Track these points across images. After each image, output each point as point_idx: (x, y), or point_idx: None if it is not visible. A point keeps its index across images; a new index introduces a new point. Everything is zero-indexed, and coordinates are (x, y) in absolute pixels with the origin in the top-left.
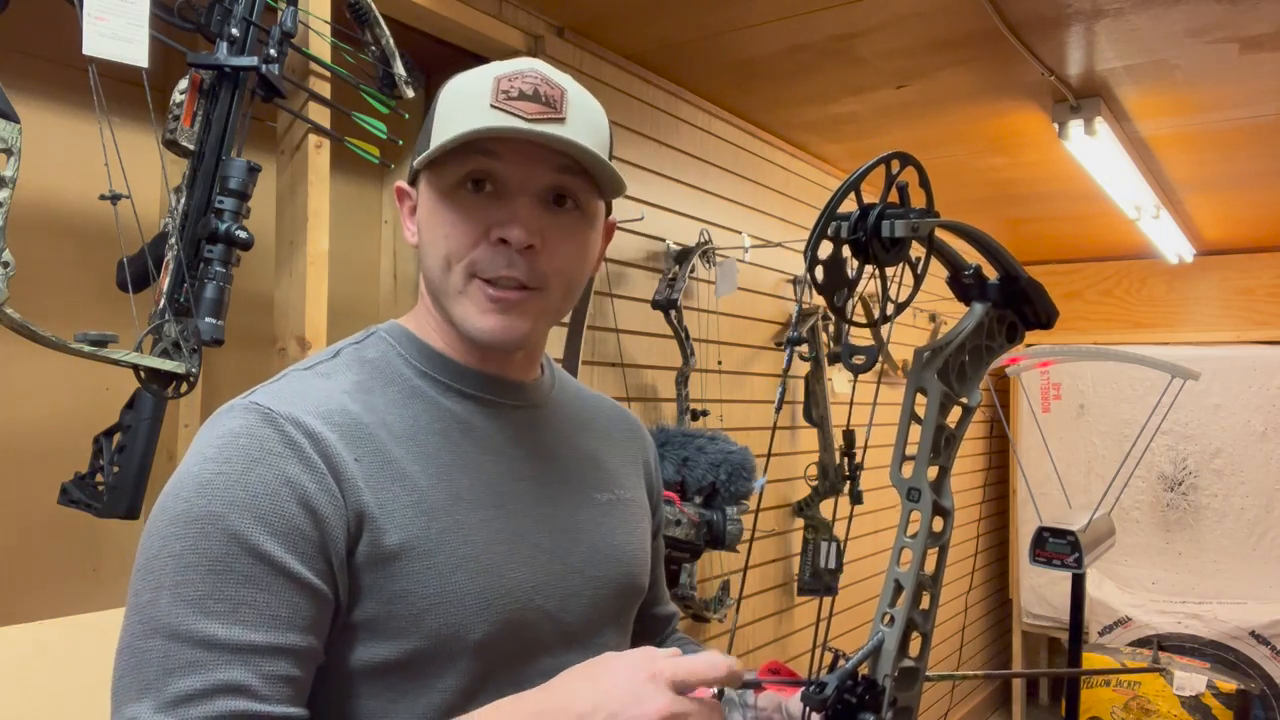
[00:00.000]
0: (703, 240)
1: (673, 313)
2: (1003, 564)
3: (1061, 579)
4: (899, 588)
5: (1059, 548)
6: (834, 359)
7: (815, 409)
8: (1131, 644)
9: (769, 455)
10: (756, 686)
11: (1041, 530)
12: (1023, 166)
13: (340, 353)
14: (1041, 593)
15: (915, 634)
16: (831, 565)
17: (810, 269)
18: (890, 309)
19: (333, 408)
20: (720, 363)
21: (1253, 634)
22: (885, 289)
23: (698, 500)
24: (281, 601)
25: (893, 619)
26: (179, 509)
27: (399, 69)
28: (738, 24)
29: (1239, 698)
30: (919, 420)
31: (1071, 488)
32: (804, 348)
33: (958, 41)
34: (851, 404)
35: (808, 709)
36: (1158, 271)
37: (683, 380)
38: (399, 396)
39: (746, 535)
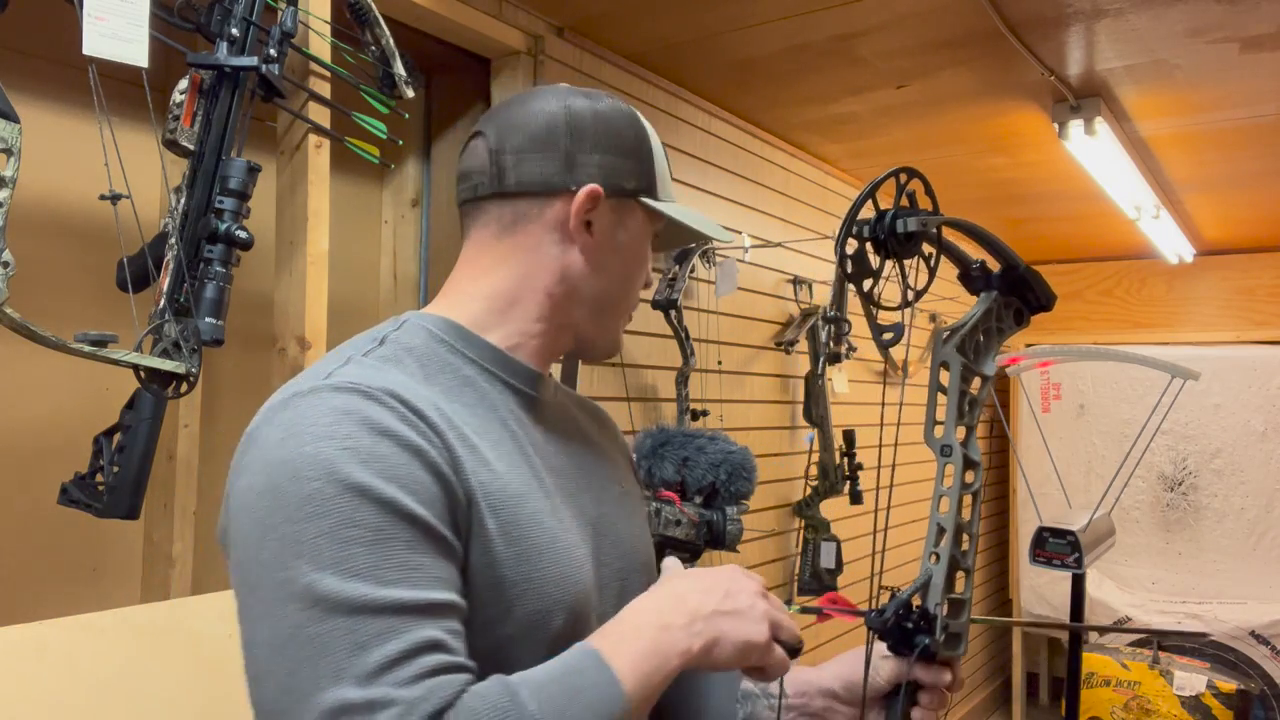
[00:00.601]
0: None
1: (673, 313)
2: (1003, 564)
3: (1061, 579)
4: (941, 530)
5: (1059, 548)
6: (834, 359)
7: (815, 409)
8: (1131, 644)
9: (810, 453)
10: (819, 614)
11: (1041, 530)
12: (1023, 166)
13: (386, 340)
14: (1041, 593)
15: (959, 571)
16: (831, 565)
17: (841, 263)
18: (910, 295)
19: (415, 391)
20: (720, 363)
21: (1253, 634)
22: (905, 276)
23: (698, 500)
24: (440, 564)
25: (938, 557)
26: (309, 489)
27: (399, 69)
28: (738, 24)
29: (1239, 698)
30: (944, 391)
31: (1071, 488)
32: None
33: (958, 41)
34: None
35: (871, 633)
36: (1158, 271)
37: (683, 380)
38: (453, 385)
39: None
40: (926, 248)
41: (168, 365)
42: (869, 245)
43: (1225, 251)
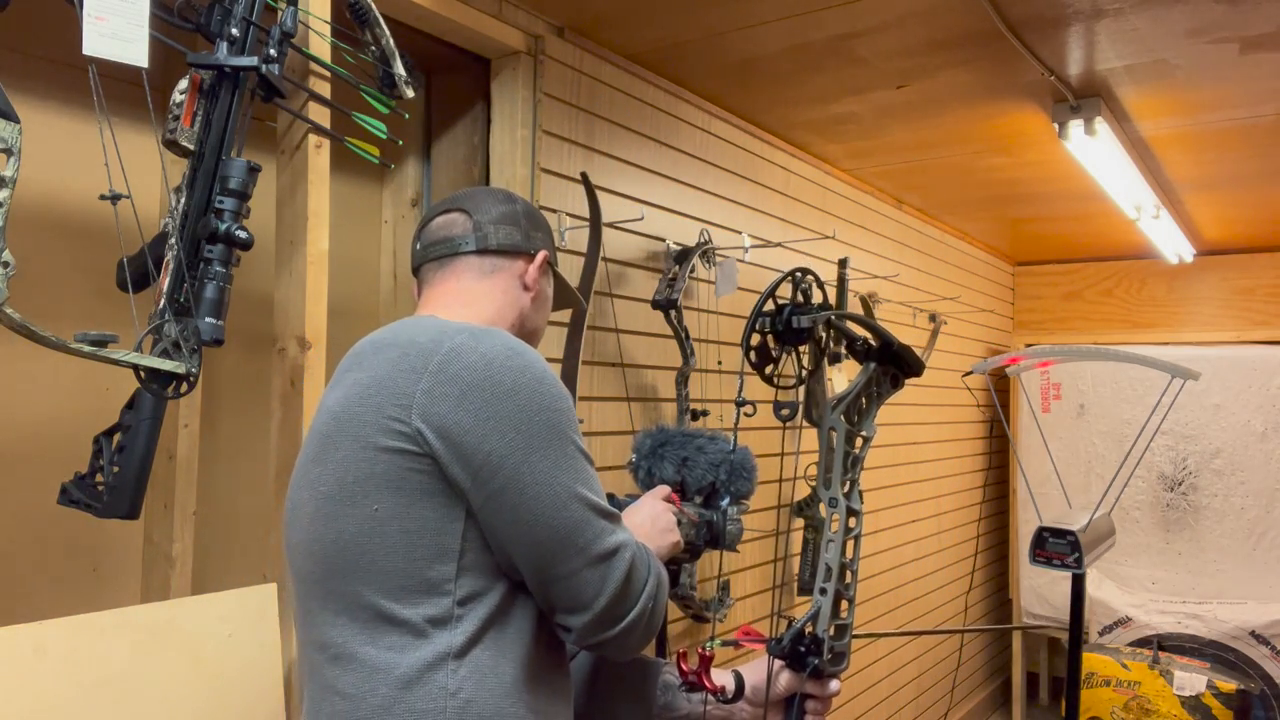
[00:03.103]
0: (703, 240)
1: (673, 313)
2: (1003, 564)
3: (1061, 579)
4: (829, 569)
5: (1059, 548)
6: (834, 359)
7: (815, 409)
8: (1131, 644)
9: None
10: (735, 645)
11: (1041, 530)
12: (1023, 166)
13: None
14: (1041, 593)
15: (843, 600)
16: None
17: (746, 354)
18: (804, 373)
19: None
20: (720, 363)
21: (1253, 634)
22: (799, 362)
23: (698, 500)
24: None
25: (824, 590)
26: (553, 390)
27: (399, 69)
28: (738, 24)
29: (1239, 698)
30: (833, 449)
31: (1071, 488)
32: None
33: (958, 41)
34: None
35: (771, 657)
36: (1158, 271)
37: (683, 380)
38: None
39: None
40: (820, 332)
41: (168, 365)
42: (769, 337)
43: (1225, 251)
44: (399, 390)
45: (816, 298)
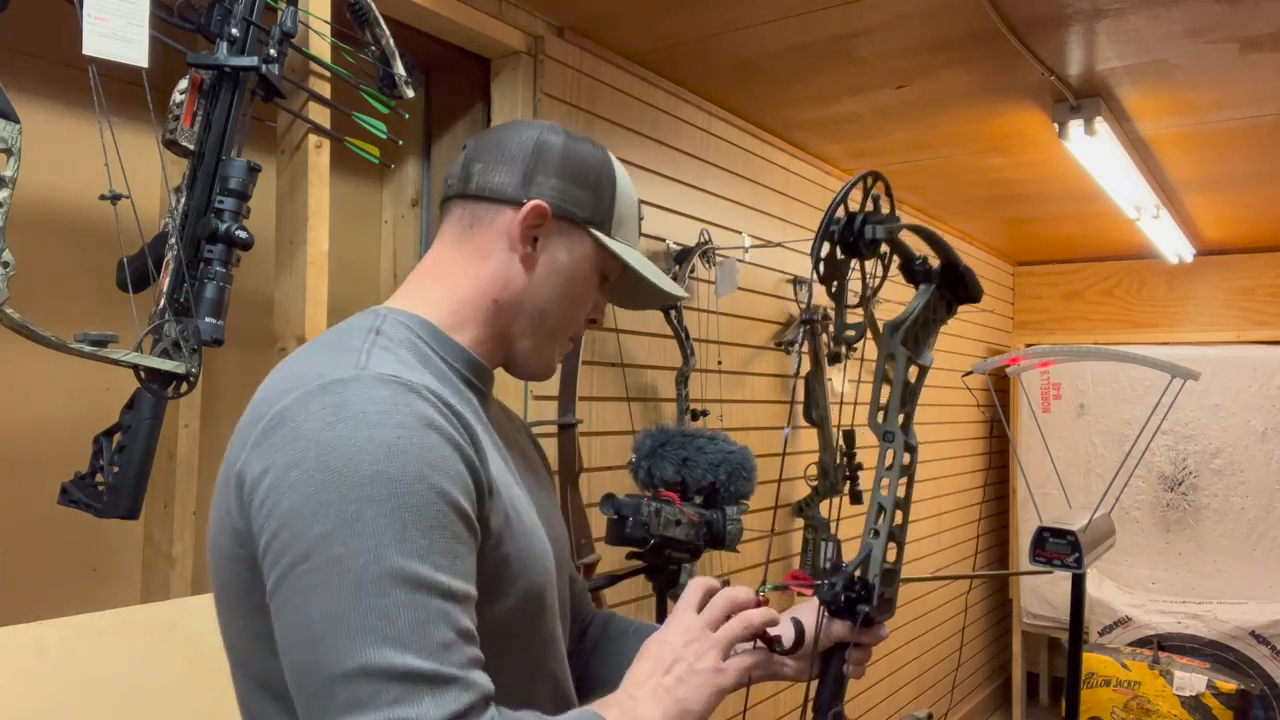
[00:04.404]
0: (703, 240)
1: (673, 313)
2: (1003, 564)
3: (1062, 579)
4: (880, 509)
5: (1059, 548)
6: (834, 359)
7: (815, 409)
8: (1131, 644)
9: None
10: (785, 589)
11: (1041, 530)
12: (1023, 166)
13: (380, 333)
14: (1041, 593)
15: (892, 544)
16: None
17: (815, 267)
18: (869, 292)
19: (433, 383)
20: (720, 363)
21: (1253, 634)
22: (865, 277)
23: (698, 500)
24: (470, 557)
25: (877, 533)
26: (367, 472)
27: (399, 69)
28: (738, 24)
29: (1239, 698)
30: (889, 381)
31: (1071, 488)
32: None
33: (958, 41)
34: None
35: (821, 604)
36: (1158, 271)
37: (683, 380)
38: (435, 379)
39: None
40: (883, 247)
41: (168, 365)
42: (837, 248)
43: (1225, 251)
44: (229, 467)
45: (884, 208)
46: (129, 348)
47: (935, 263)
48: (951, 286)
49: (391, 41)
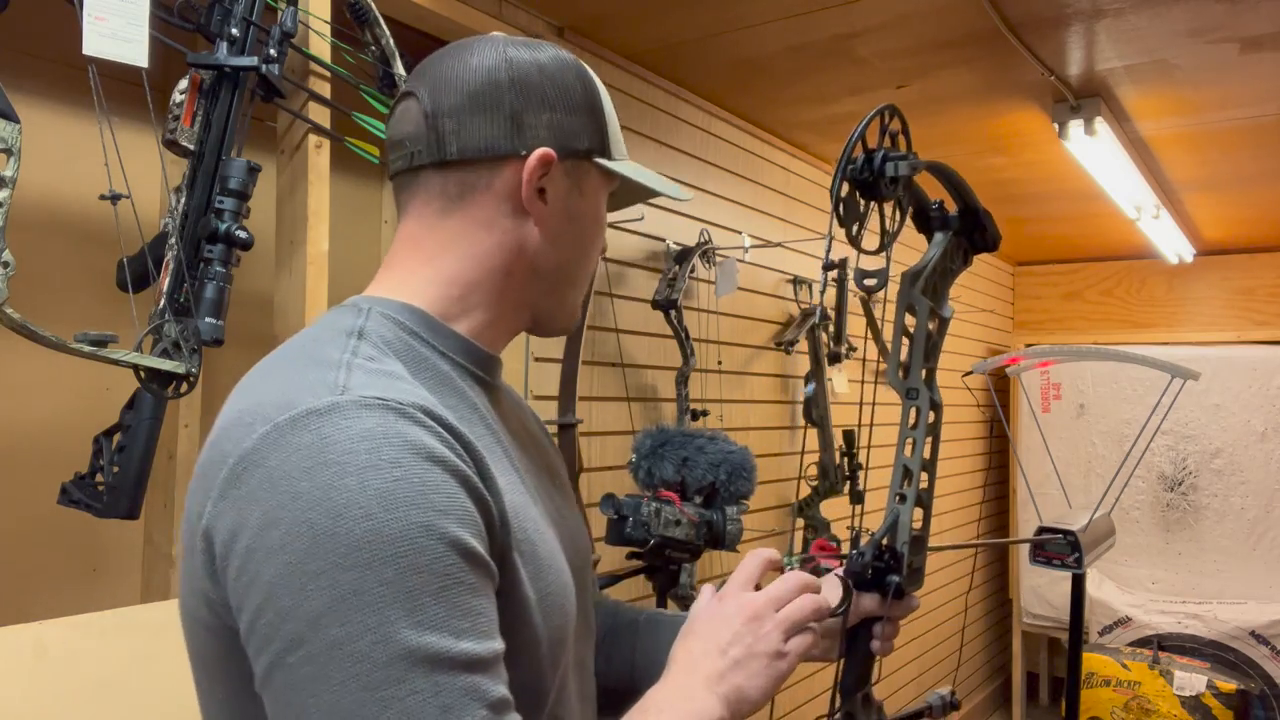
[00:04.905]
0: (703, 240)
1: (673, 313)
2: (1003, 564)
3: (1061, 579)
4: (907, 471)
5: (1059, 548)
6: (834, 359)
7: (815, 409)
8: (1131, 644)
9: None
10: (812, 562)
11: (1041, 530)
12: (1023, 166)
13: (363, 334)
14: (1041, 593)
15: (918, 508)
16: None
17: (835, 208)
18: (886, 238)
19: (428, 399)
20: (720, 363)
21: (1253, 634)
22: (884, 219)
23: (698, 500)
24: (492, 605)
25: (904, 498)
26: (361, 530)
27: (399, 69)
28: (738, 24)
29: (1239, 698)
30: (908, 335)
31: (1071, 488)
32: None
33: (958, 41)
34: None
35: (848, 575)
36: (1158, 271)
37: (683, 380)
38: (434, 383)
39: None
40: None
41: (168, 365)
42: (855, 188)
43: (1225, 251)
44: (192, 520)
45: (902, 146)
46: (129, 348)
47: (952, 208)
48: (969, 233)
49: (391, 41)
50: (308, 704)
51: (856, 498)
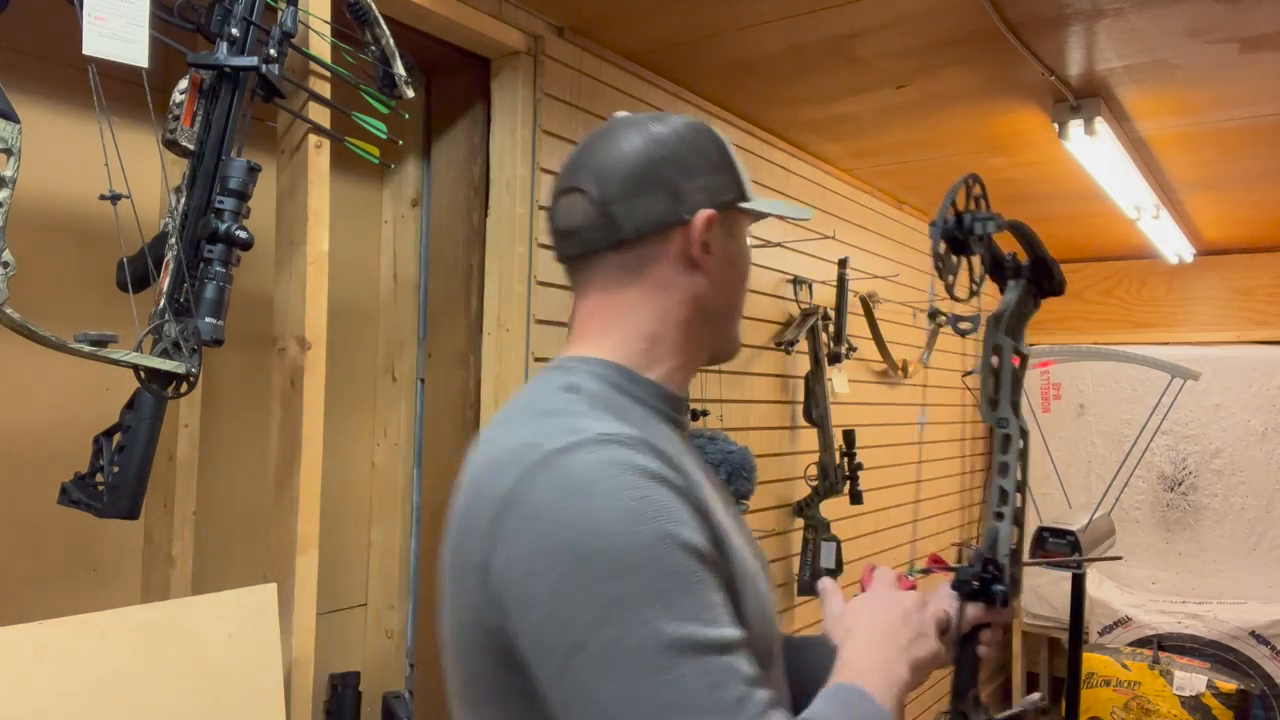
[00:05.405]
0: None
1: None
2: None
3: (1061, 579)
4: (1003, 492)
5: (1059, 548)
6: (834, 359)
7: (815, 409)
8: (1131, 644)
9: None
10: (927, 574)
11: (1042, 530)
12: (1023, 166)
13: (578, 391)
14: (1041, 593)
15: (1014, 526)
16: (831, 565)
17: (936, 265)
18: (974, 286)
19: (644, 434)
20: None
21: (1253, 634)
22: (972, 271)
23: None
24: (727, 599)
25: (1001, 515)
26: (620, 544)
27: (399, 69)
28: (738, 24)
29: (1239, 698)
30: (994, 373)
31: (1071, 488)
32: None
33: (958, 41)
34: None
35: (960, 586)
36: (1158, 271)
37: None
38: (638, 424)
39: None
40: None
41: (168, 365)
42: (946, 245)
43: (1225, 251)
44: (463, 560)
45: (984, 208)
46: (129, 348)
47: (1023, 258)
48: (1038, 279)
49: (391, 41)
50: (600, 695)
51: (856, 498)
